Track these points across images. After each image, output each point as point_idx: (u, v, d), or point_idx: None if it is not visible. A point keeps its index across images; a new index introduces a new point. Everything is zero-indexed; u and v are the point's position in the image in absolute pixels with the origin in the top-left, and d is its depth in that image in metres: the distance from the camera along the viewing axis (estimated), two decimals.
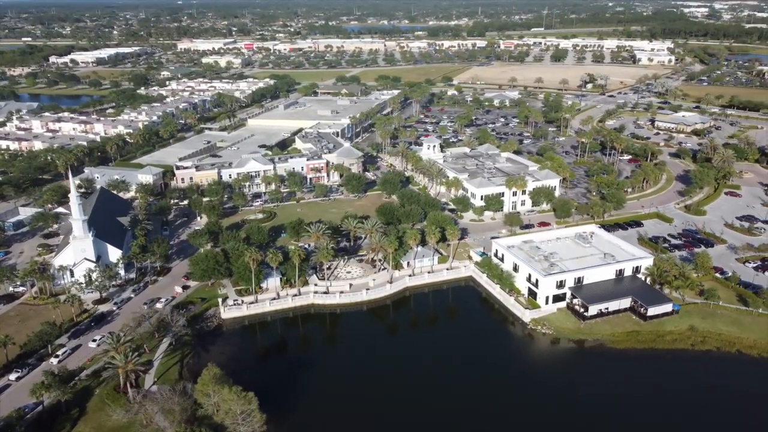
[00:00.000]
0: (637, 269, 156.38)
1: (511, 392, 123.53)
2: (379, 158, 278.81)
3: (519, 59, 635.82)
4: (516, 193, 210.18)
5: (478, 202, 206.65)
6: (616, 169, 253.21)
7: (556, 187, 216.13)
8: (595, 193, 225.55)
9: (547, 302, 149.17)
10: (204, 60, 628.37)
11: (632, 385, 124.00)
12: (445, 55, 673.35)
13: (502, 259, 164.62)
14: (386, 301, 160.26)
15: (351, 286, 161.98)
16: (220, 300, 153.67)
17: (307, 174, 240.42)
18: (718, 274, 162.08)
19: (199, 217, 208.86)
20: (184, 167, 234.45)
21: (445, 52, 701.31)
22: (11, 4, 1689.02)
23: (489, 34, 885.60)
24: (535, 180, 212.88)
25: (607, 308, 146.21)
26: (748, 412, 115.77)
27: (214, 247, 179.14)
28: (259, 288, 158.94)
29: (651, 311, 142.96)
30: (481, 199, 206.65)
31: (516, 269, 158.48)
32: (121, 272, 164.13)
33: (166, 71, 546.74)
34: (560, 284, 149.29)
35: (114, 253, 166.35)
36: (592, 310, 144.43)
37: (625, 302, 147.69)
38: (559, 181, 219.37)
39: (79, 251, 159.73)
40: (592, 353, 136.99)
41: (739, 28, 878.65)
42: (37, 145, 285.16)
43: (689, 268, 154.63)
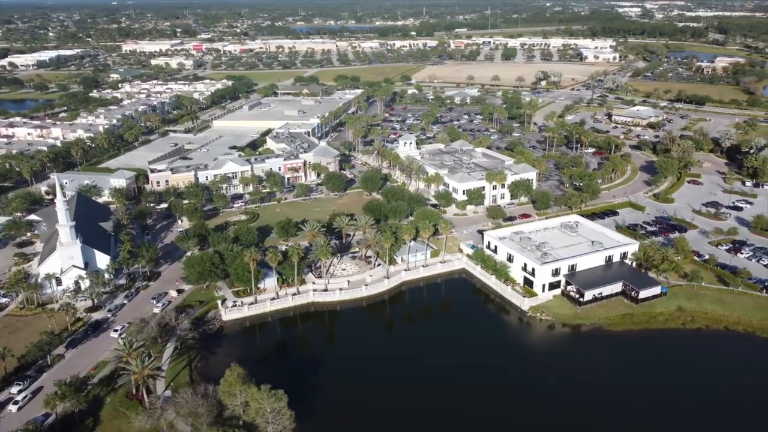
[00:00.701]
0: (624, 255, 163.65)
1: (522, 375, 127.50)
2: (353, 157, 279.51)
3: (471, 58, 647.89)
4: (496, 187, 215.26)
5: (461, 197, 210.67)
6: (584, 161, 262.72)
7: (533, 180, 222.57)
8: (568, 185, 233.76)
9: (543, 290, 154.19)
10: (153, 62, 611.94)
11: (635, 364, 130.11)
12: (398, 55, 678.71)
13: (495, 251, 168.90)
14: (384, 296, 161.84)
15: (349, 282, 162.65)
16: (220, 302, 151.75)
17: (285, 174, 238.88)
18: (695, 258, 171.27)
19: (179, 221, 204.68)
20: (158, 170, 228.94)
21: (397, 51, 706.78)
22: None
23: (437, 33, 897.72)
24: (513, 174, 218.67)
25: (601, 293, 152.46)
26: (741, 383, 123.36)
27: (202, 250, 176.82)
28: (257, 288, 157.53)
29: (642, 294, 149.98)
30: (464, 194, 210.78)
31: (510, 259, 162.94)
32: (110, 278, 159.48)
33: (114, 74, 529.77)
34: (555, 272, 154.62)
35: (102, 259, 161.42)
36: (588, 295, 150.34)
37: (617, 287, 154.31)
38: (536, 174, 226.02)
39: (66, 258, 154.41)
40: (592, 336, 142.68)
41: (673, 27, 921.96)
42: None
43: (672, 253, 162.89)
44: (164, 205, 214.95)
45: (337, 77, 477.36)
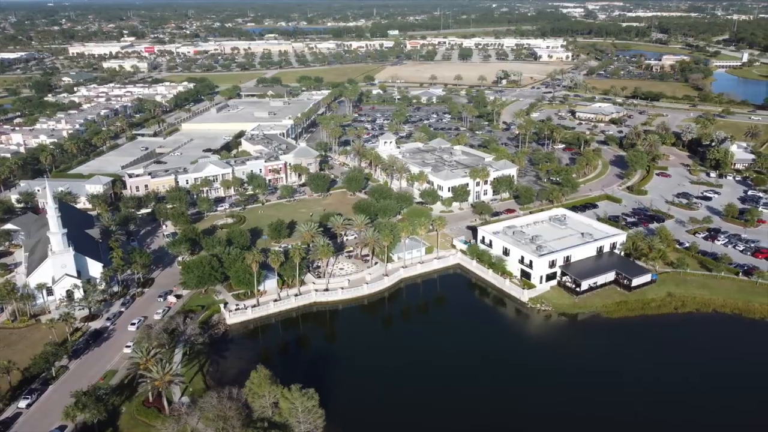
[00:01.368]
0: (614, 245, 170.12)
1: (531, 361, 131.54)
2: (330, 157, 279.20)
3: (428, 58, 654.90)
4: (479, 184, 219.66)
5: (446, 194, 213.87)
6: (556, 157, 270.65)
7: (513, 175, 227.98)
8: (546, 180, 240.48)
9: (541, 281, 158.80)
10: (105, 65, 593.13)
11: (637, 348, 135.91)
12: (356, 56, 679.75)
13: (490, 245, 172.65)
14: (384, 294, 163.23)
15: (349, 282, 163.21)
16: (222, 306, 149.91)
17: (266, 175, 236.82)
18: (677, 246, 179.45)
19: (164, 225, 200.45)
20: (137, 175, 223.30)
21: (355, 52, 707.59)
22: None
23: (392, 34, 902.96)
24: (495, 170, 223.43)
25: (596, 282, 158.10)
26: (738, 360, 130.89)
27: (193, 254, 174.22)
28: (257, 291, 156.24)
29: (635, 282, 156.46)
30: (449, 191, 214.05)
31: (506, 253, 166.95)
32: (107, 285, 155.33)
33: (66, 77, 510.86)
34: (552, 264, 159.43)
35: (94, 266, 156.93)
36: (584, 285, 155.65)
37: (610, 276, 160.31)
38: (516, 170, 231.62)
39: (59, 267, 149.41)
40: (592, 324, 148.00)
41: (617, 27, 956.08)
42: None
43: (657, 242, 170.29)
44: (146, 211, 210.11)
45: (301, 78, 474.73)
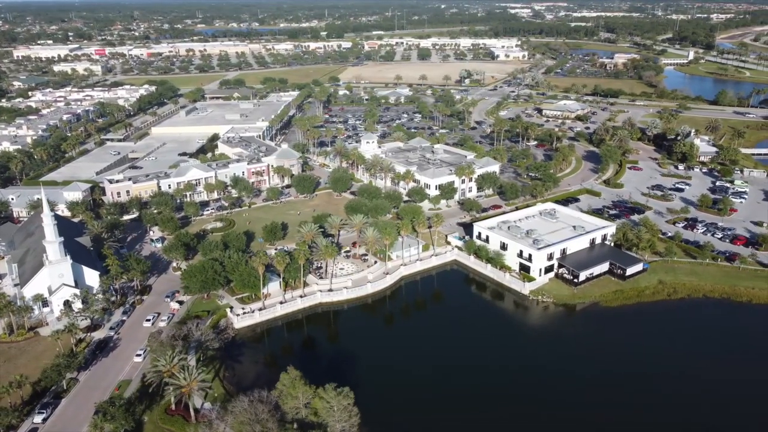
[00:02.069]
0: (605, 237, 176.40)
1: (540, 350, 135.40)
2: (308, 158, 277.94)
3: (388, 59, 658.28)
4: (464, 181, 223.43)
5: (434, 192, 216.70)
6: (531, 153, 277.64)
7: (496, 172, 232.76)
8: (525, 176, 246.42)
9: (540, 274, 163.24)
10: (56, 68, 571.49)
11: (638, 333, 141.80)
12: (315, 57, 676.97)
13: (487, 240, 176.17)
14: (387, 292, 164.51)
15: (352, 281, 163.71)
16: (229, 310, 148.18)
17: (249, 178, 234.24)
18: (660, 235, 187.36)
19: (150, 231, 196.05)
20: (117, 180, 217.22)
21: (314, 53, 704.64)
22: None
23: (348, 35, 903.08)
24: (479, 167, 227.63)
25: (592, 273, 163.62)
26: (729, 339, 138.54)
27: (187, 259, 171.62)
28: (261, 294, 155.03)
29: (629, 271, 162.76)
30: (436, 189, 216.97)
31: (504, 247, 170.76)
32: (111, 294, 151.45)
33: (16, 81, 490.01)
34: (550, 257, 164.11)
35: (91, 275, 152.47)
36: (582, 276, 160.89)
37: (605, 266, 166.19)
38: (499, 166, 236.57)
39: (56, 277, 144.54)
40: (593, 312, 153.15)
41: (567, 27, 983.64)
42: None
43: (644, 232, 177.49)
44: (129, 217, 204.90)
45: (265, 80, 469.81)
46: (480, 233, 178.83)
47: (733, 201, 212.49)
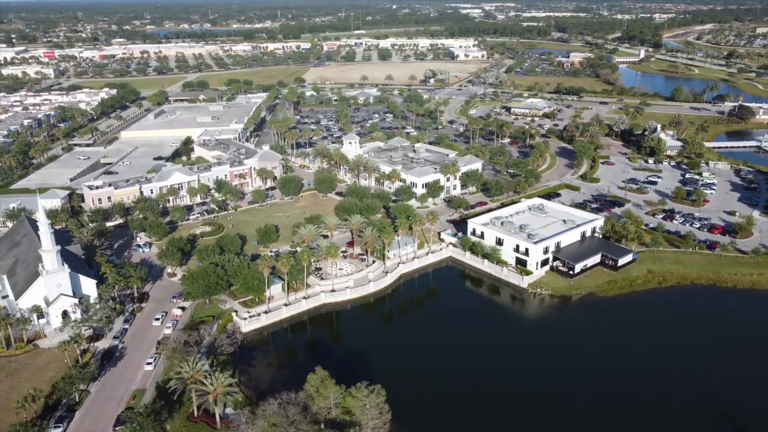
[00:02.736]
0: (594, 230, 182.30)
1: (545, 340, 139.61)
2: (287, 160, 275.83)
3: (349, 59, 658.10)
4: (449, 179, 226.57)
5: (420, 191, 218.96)
6: (507, 151, 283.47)
7: (479, 170, 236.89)
8: (504, 173, 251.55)
9: (537, 267, 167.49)
10: (4, 71, 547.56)
11: (637, 321, 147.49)
12: (275, 58, 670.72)
13: (482, 236, 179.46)
14: (388, 291, 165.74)
15: (354, 281, 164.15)
16: (234, 314, 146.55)
17: (232, 181, 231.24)
18: (643, 226, 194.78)
19: (137, 237, 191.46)
20: (97, 187, 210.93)
21: (272, 54, 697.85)
22: None
23: (304, 36, 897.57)
24: (463, 165, 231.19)
25: (586, 265, 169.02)
26: (719, 322, 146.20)
27: (181, 266, 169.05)
28: (265, 297, 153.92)
29: (621, 262, 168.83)
30: (423, 187, 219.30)
31: (500, 243, 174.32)
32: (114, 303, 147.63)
33: None
34: (545, 250, 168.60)
35: (88, 284, 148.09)
36: (577, 268, 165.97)
37: (597, 258, 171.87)
38: (481, 164, 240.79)
39: (53, 287, 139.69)
40: (590, 302, 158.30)
41: (520, 27, 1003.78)
42: None
43: (630, 224, 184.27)
44: (112, 223, 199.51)
45: (230, 81, 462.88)
46: (474, 230, 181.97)
47: (705, 192, 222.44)
